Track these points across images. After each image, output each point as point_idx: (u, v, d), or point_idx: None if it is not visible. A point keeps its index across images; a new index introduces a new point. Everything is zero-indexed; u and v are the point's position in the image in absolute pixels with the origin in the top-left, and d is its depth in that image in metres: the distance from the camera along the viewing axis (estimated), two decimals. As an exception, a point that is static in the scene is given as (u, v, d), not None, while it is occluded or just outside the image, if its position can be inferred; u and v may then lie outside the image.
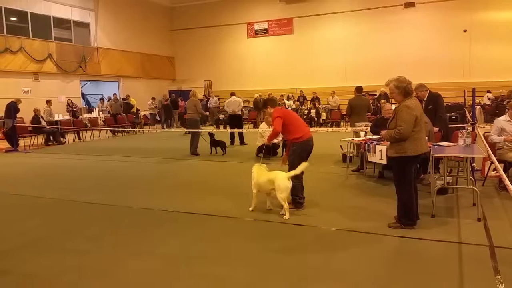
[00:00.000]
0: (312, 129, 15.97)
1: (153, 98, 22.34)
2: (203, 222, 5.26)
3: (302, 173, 5.43)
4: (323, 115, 19.92)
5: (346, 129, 11.75)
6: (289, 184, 5.20)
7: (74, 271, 3.81)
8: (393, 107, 5.29)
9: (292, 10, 25.09)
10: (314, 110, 19.78)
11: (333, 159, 9.57)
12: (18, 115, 14.90)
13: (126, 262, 4.01)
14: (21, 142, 13.96)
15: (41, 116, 15.41)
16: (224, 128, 19.57)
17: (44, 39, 20.13)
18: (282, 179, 5.17)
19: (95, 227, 5.19)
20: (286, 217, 5.15)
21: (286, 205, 5.18)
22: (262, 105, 5.98)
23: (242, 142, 13.04)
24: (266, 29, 26.06)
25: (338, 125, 18.63)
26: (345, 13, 23.70)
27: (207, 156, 10.89)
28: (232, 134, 13.14)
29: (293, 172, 5.26)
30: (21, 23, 19.63)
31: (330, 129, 16.50)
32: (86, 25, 23.00)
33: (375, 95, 19.83)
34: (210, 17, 27.03)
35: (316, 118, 19.58)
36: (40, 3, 20.25)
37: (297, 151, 5.64)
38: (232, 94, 13.60)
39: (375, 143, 6.76)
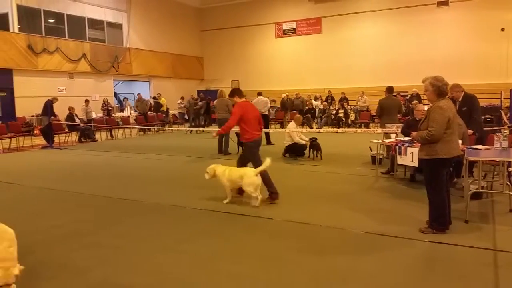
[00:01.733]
0: (340, 130, 15.94)
1: (182, 98, 22.66)
2: (229, 220, 5.30)
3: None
4: (352, 116, 19.67)
5: (376, 130, 11.56)
6: (256, 180, 5.73)
7: (106, 264, 3.92)
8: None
9: (321, 9, 24.88)
10: (342, 111, 19.55)
11: (362, 161, 9.44)
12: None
13: (154, 257, 4.10)
14: (56, 139, 14.46)
15: (75, 114, 15.93)
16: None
17: (79, 40, 20.79)
18: (250, 175, 5.75)
19: (125, 222, 5.32)
20: (257, 204, 5.72)
21: (254, 194, 5.75)
22: (229, 94, 6.70)
23: (268, 142, 13.04)
24: (294, 29, 25.96)
25: (367, 126, 18.34)
26: (375, 12, 23.31)
27: (235, 155, 10.95)
28: None
29: (259, 169, 5.76)
30: (57, 24, 20.35)
31: (359, 130, 16.27)
32: (118, 26, 23.58)
33: (407, 95, 19.42)
34: (239, 18, 27.18)
35: (344, 119, 19.36)
36: (75, 5, 20.92)
37: (249, 151, 6.32)
38: (259, 94, 13.62)
39: (406, 145, 6.62)
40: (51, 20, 20.18)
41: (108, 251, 4.28)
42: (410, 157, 6.42)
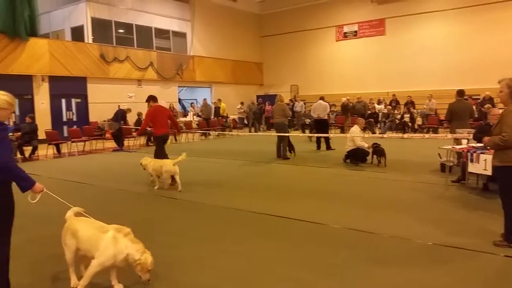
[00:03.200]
0: (405, 135, 15.31)
1: (242, 103, 23.06)
2: (288, 225, 5.26)
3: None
4: (418, 120, 18.77)
5: (445, 136, 10.95)
6: (172, 168, 7.30)
7: (165, 263, 4.02)
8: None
9: (385, 10, 24.14)
10: (408, 115, 18.74)
11: (430, 168, 8.97)
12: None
13: (212, 258, 4.19)
14: (125, 143, 15.32)
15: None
16: (310, 132, 19.43)
17: (146, 49, 21.92)
18: (168, 165, 7.37)
19: (184, 222, 5.50)
20: (166, 187, 7.57)
21: (167, 180, 7.54)
22: (146, 100, 8.56)
23: (328, 147, 12.84)
24: (356, 31, 25.43)
25: (435, 131, 17.42)
26: (443, 11, 22.16)
27: (293, 160, 10.91)
28: (318, 139, 13.02)
29: (177, 160, 7.34)
30: (127, 34, 21.63)
31: (426, 135, 15.49)
32: (183, 35, 24.55)
33: (479, 99, 18.20)
34: (299, 22, 27.16)
35: (410, 124, 18.54)
36: (143, 16, 22.12)
37: (157, 143, 8.48)
38: (321, 98, 13.43)
39: (479, 151, 6.19)
40: (121, 31, 21.48)
41: (167, 250, 4.41)
42: (483, 164, 6.00)
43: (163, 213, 6.11)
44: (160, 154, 8.06)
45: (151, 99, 8.40)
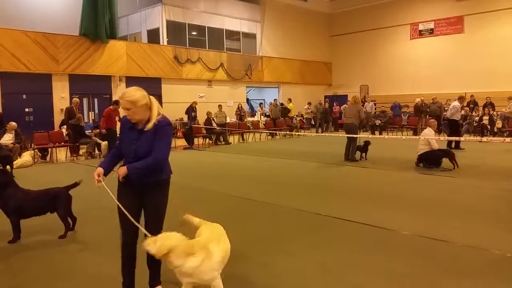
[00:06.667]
0: (485, 139, 14.33)
1: (309, 103, 22.93)
2: (357, 230, 5.17)
3: None
4: (498, 123, 17.45)
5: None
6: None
7: (238, 264, 4.07)
8: None
9: (464, 7, 22.73)
10: (487, 117, 17.49)
11: (510, 174, 8.34)
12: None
13: (278, 260, 4.21)
14: (195, 141, 15.95)
15: (213, 119, 17.36)
16: (380, 134, 18.85)
17: (217, 50, 22.63)
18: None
19: (250, 222, 5.61)
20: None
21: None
22: (114, 103, 12.57)
23: (457, 146, 12.52)
24: (432, 29, 24.22)
25: (517, 135, 16.08)
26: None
27: (363, 162, 10.68)
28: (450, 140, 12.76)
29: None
30: (199, 36, 22.49)
31: (507, 139, 14.36)
32: (252, 36, 24.99)
33: None
34: (371, 21, 26.41)
35: (489, 126, 17.29)
36: (215, 18, 22.85)
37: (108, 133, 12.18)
38: (459, 98, 13.37)
39: None
40: (194, 33, 22.39)
41: (240, 249, 4.53)
42: None
43: (235, 212, 6.30)
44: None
45: (115, 102, 12.48)
